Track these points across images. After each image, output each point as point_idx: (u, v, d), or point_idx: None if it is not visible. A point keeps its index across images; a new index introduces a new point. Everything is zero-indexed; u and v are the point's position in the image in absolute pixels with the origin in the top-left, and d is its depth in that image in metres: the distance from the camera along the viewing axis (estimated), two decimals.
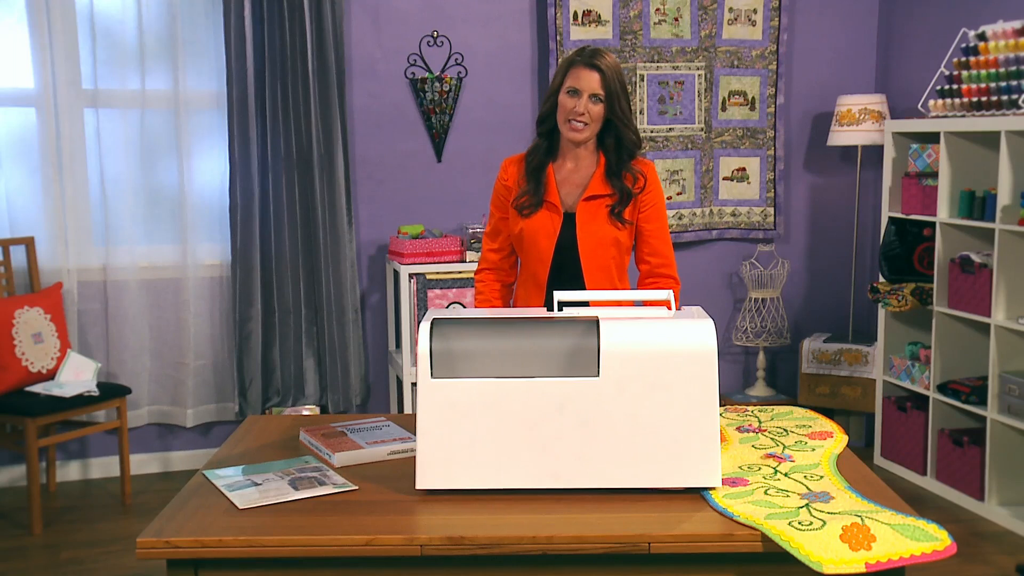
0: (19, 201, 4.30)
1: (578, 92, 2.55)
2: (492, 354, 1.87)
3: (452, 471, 1.87)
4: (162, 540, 1.69)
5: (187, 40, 4.35)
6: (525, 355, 1.87)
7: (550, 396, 1.85)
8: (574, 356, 1.86)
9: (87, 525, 3.93)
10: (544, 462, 1.86)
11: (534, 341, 1.89)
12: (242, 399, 4.48)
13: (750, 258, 4.98)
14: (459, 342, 1.88)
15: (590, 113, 2.55)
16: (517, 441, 1.86)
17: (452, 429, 1.86)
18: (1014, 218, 3.78)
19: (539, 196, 2.62)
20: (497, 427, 1.86)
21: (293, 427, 2.37)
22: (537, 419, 1.85)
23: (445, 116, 4.61)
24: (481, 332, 1.91)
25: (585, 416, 1.85)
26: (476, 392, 1.86)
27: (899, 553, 1.62)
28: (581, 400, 1.85)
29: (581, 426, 1.85)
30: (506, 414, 1.86)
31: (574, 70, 2.56)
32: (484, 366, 1.87)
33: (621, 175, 2.61)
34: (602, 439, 1.85)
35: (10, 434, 3.98)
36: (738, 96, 4.89)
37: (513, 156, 2.74)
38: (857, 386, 4.70)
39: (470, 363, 1.87)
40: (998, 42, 3.93)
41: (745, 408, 2.45)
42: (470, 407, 1.86)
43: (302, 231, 4.45)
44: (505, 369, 1.86)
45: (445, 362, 1.87)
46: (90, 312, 4.40)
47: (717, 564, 1.74)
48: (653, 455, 1.85)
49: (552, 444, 1.85)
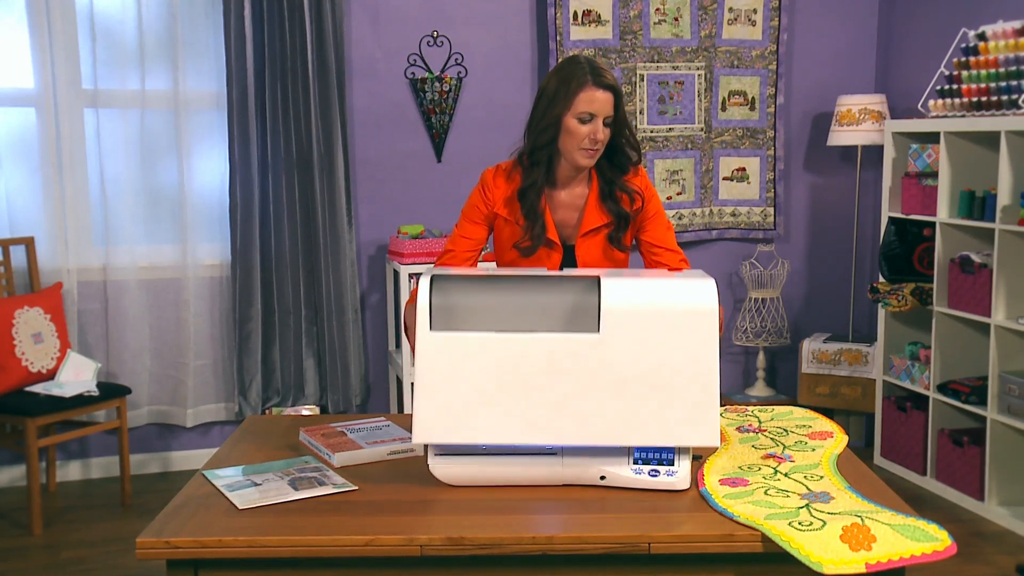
0: (19, 201, 4.30)
1: (593, 117, 2.30)
2: (492, 309, 1.84)
3: (449, 425, 1.83)
4: (162, 540, 1.69)
5: (187, 40, 4.35)
6: (525, 310, 1.84)
7: (550, 351, 1.82)
8: (575, 312, 1.83)
9: (87, 525, 3.92)
10: (542, 418, 1.83)
11: (535, 297, 1.86)
12: (242, 399, 4.48)
13: (750, 258, 4.98)
14: (459, 297, 1.85)
15: (604, 138, 2.33)
16: (515, 396, 1.83)
17: (450, 383, 1.83)
18: (1014, 218, 3.78)
19: (542, 237, 2.41)
20: (495, 382, 1.83)
21: (293, 427, 2.37)
22: (536, 374, 1.82)
23: (445, 116, 4.61)
24: (481, 288, 1.88)
25: (584, 372, 1.82)
26: (475, 346, 1.83)
27: (899, 553, 1.62)
28: (581, 356, 1.82)
29: (580, 382, 1.82)
30: (505, 369, 1.83)
31: (586, 93, 2.29)
32: (484, 320, 1.84)
33: (616, 197, 2.42)
34: (601, 396, 1.82)
35: (10, 434, 3.98)
36: (738, 96, 4.89)
37: (498, 170, 2.48)
38: (857, 386, 4.70)
39: (470, 317, 1.84)
40: (998, 42, 3.93)
41: (745, 408, 2.45)
42: (469, 361, 1.83)
43: (302, 231, 4.46)
44: (505, 323, 1.83)
45: (444, 316, 1.84)
46: (90, 312, 4.40)
47: (717, 564, 1.74)
48: (652, 413, 1.82)
49: (551, 400, 1.82)
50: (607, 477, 1.91)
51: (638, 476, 1.89)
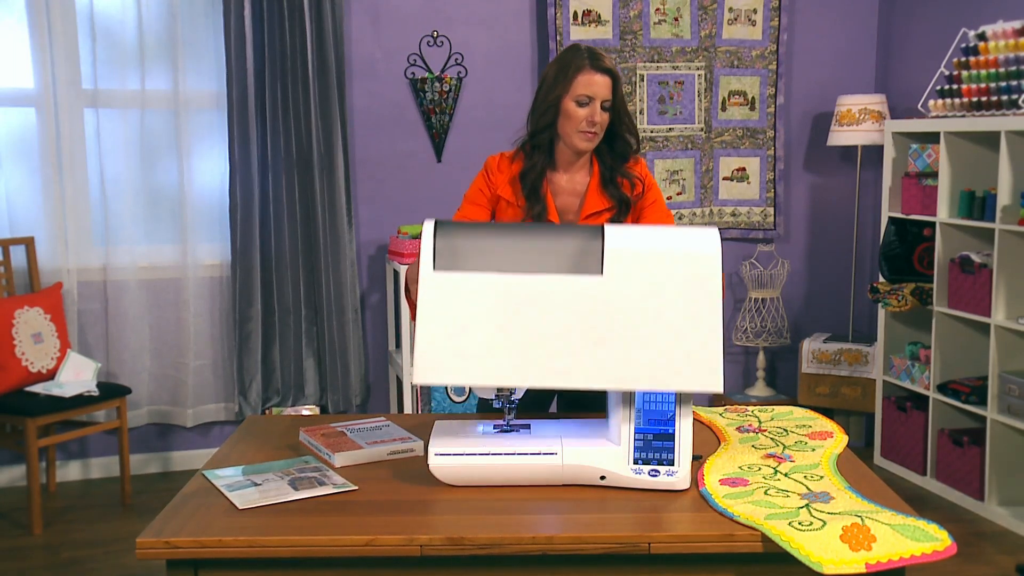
0: (19, 201, 4.30)
1: (591, 100, 2.35)
2: (496, 251, 1.83)
3: (449, 366, 1.81)
4: (162, 540, 1.69)
5: (187, 40, 4.35)
6: (529, 253, 1.83)
7: (553, 292, 1.80)
8: (579, 255, 1.82)
9: (87, 525, 3.92)
10: (544, 360, 1.81)
11: (539, 241, 1.85)
12: (242, 399, 4.48)
13: (750, 258, 4.98)
14: (463, 240, 1.84)
15: (601, 123, 2.38)
16: (517, 338, 1.80)
17: (452, 324, 1.81)
18: (1014, 218, 3.78)
19: (542, 217, 2.43)
20: (498, 323, 1.81)
21: (293, 427, 2.37)
22: (539, 316, 1.81)
23: (445, 116, 4.61)
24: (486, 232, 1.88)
25: (587, 314, 1.80)
26: (478, 286, 1.81)
27: (899, 553, 1.62)
28: (584, 298, 1.81)
29: (583, 324, 1.80)
30: (507, 310, 1.81)
31: (584, 76, 2.35)
32: (487, 261, 1.82)
33: (617, 182, 2.46)
34: (604, 338, 1.80)
35: (10, 434, 3.98)
36: (738, 96, 4.89)
37: (502, 157, 2.53)
38: (857, 386, 4.70)
39: (473, 258, 1.82)
40: (998, 42, 3.93)
41: (745, 408, 2.45)
42: (471, 301, 1.81)
43: (302, 231, 4.46)
44: (508, 264, 1.82)
45: (448, 256, 1.82)
46: (90, 312, 4.40)
47: (717, 564, 1.74)
48: (654, 357, 1.80)
49: (553, 342, 1.80)
50: (607, 477, 1.91)
51: (638, 476, 1.89)
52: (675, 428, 1.89)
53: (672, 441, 1.89)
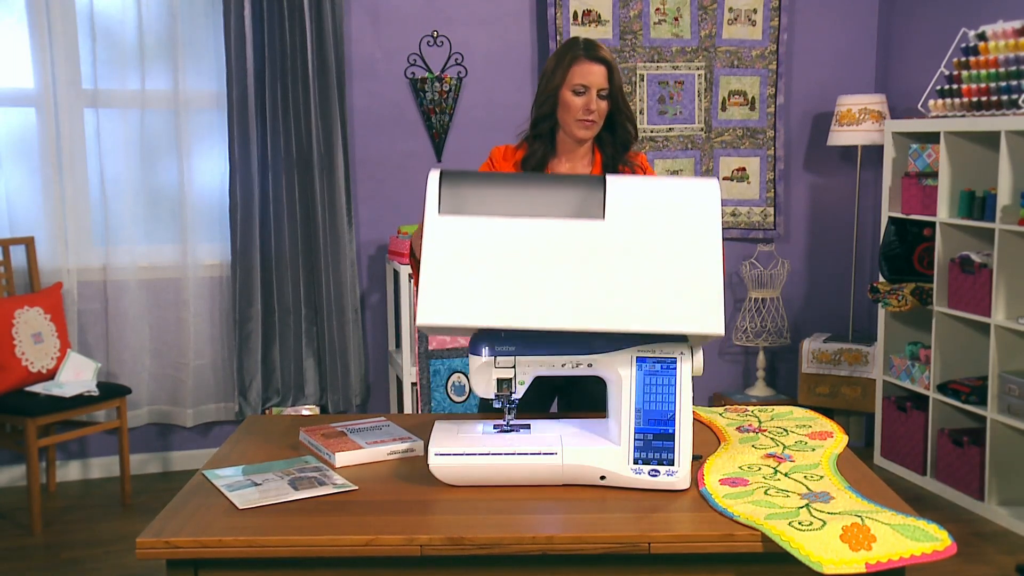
0: (19, 201, 4.30)
1: (586, 89, 2.41)
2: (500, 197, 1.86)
3: (453, 307, 1.81)
4: (162, 540, 1.69)
5: (187, 40, 4.35)
6: (533, 199, 1.86)
7: (555, 236, 1.82)
8: (581, 201, 1.85)
9: (87, 525, 3.92)
10: (546, 302, 1.81)
11: (542, 189, 1.89)
12: (242, 399, 4.48)
13: (750, 258, 4.98)
14: (468, 188, 1.87)
15: (599, 110, 2.44)
16: (520, 280, 1.82)
17: (456, 267, 1.82)
18: (1014, 218, 3.78)
19: None
20: (501, 266, 1.82)
21: (293, 427, 2.37)
22: (541, 259, 1.82)
23: (445, 116, 4.61)
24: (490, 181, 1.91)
25: (589, 258, 1.82)
26: (482, 230, 1.83)
27: (899, 553, 1.62)
28: (586, 241, 1.82)
29: (585, 268, 1.81)
30: (510, 253, 1.82)
31: (579, 66, 2.41)
32: (491, 207, 1.85)
33: (619, 171, 2.51)
34: (605, 281, 1.81)
35: (10, 434, 3.98)
36: (738, 96, 4.89)
37: (506, 148, 2.60)
38: (857, 386, 4.70)
39: (478, 204, 1.85)
40: (998, 42, 3.93)
41: (745, 408, 2.45)
42: (475, 245, 1.82)
43: (302, 231, 4.46)
44: (512, 210, 1.84)
45: (453, 201, 1.85)
46: (90, 312, 4.40)
47: (717, 564, 1.74)
48: (655, 298, 1.81)
49: (555, 284, 1.82)
50: (607, 477, 1.91)
51: (638, 476, 1.89)
52: (675, 428, 1.89)
53: (672, 441, 1.89)
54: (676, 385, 1.89)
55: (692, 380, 1.90)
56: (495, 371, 1.94)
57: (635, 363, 1.90)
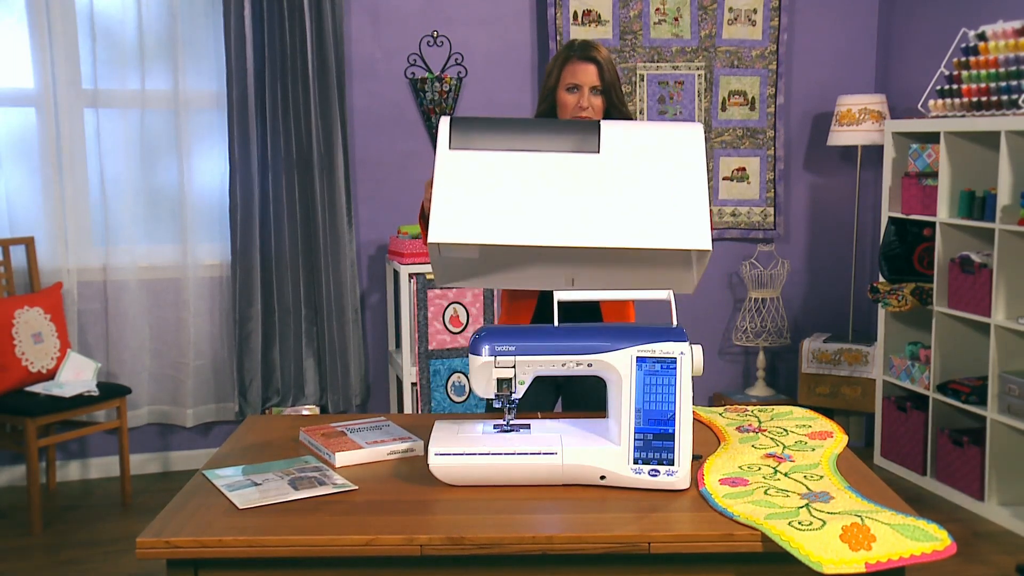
0: (19, 201, 4.30)
1: (578, 87, 2.54)
2: (505, 136, 2.04)
3: (463, 226, 1.95)
4: (162, 540, 1.69)
5: (187, 40, 4.35)
6: (535, 137, 2.04)
7: (555, 166, 1.99)
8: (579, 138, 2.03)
9: (87, 525, 3.93)
10: (547, 221, 1.95)
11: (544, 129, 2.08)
12: (242, 399, 4.48)
13: (750, 258, 4.98)
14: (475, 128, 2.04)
15: (593, 106, 2.56)
16: (524, 204, 1.96)
17: (465, 193, 1.97)
18: (1014, 218, 3.78)
19: None
20: (506, 191, 1.97)
21: (293, 427, 2.37)
22: (543, 185, 1.98)
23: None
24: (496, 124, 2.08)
25: (587, 184, 1.98)
26: (489, 161, 2.00)
27: (899, 553, 1.62)
28: (583, 171, 1.99)
29: (583, 193, 1.97)
30: (514, 179, 1.98)
31: (570, 66, 2.55)
32: (497, 143, 2.02)
33: None
34: (601, 204, 1.96)
35: (10, 434, 3.98)
36: (738, 96, 4.89)
37: None
38: (857, 386, 4.70)
39: (485, 140, 2.03)
40: (998, 42, 3.93)
41: (745, 408, 2.45)
42: (483, 173, 1.98)
43: (302, 231, 4.46)
44: (516, 145, 2.02)
45: (462, 138, 2.02)
46: (90, 312, 4.40)
47: (717, 564, 1.74)
48: (647, 219, 1.94)
49: (555, 207, 1.96)
50: (607, 477, 1.91)
51: (638, 476, 1.89)
52: (675, 428, 1.89)
53: (672, 441, 1.89)
54: (676, 385, 1.90)
55: (692, 380, 1.91)
56: (495, 371, 1.94)
57: (635, 363, 1.90)
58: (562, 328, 1.95)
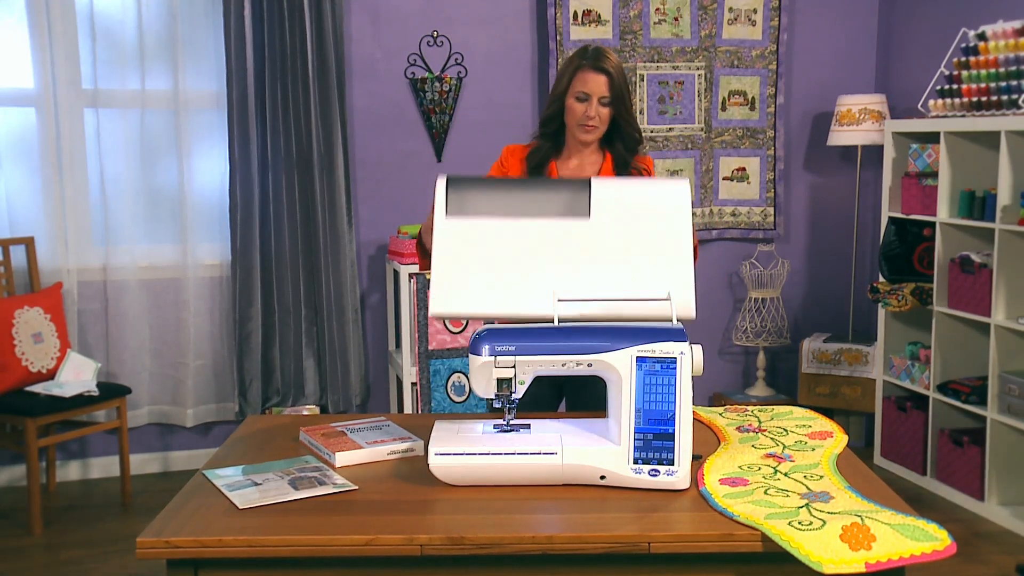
0: (19, 201, 4.30)
1: (588, 97, 2.57)
2: (499, 200, 2.09)
3: (462, 299, 2.02)
4: (162, 540, 1.69)
5: (187, 40, 4.35)
6: (527, 201, 2.09)
7: (548, 234, 2.04)
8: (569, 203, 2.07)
9: (87, 525, 3.93)
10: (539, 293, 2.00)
11: (535, 193, 2.12)
12: (242, 399, 4.48)
13: (750, 258, 4.98)
14: (471, 192, 2.09)
15: (600, 116, 2.59)
16: (517, 273, 2.02)
17: (463, 262, 2.03)
18: (1014, 218, 3.78)
19: None
20: (502, 260, 2.03)
21: (293, 427, 2.37)
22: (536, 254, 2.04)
23: (445, 116, 4.62)
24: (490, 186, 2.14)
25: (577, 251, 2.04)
26: (484, 229, 2.05)
27: (899, 553, 1.62)
28: (574, 240, 2.04)
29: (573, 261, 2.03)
30: (509, 249, 2.03)
31: (581, 74, 2.57)
32: (492, 208, 2.07)
33: (628, 171, 2.67)
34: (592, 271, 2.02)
35: (10, 434, 3.98)
36: (738, 96, 4.89)
37: (515, 146, 2.75)
38: (857, 386, 4.70)
39: (480, 206, 2.07)
40: (998, 42, 3.93)
41: (745, 408, 2.45)
42: (479, 243, 2.03)
43: (302, 231, 4.46)
44: (510, 211, 2.07)
45: (458, 205, 2.06)
46: (90, 312, 4.40)
47: (717, 564, 1.74)
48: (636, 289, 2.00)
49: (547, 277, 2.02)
50: (607, 477, 1.91)
51: (638, 476, 1.89)
52: (675, 428, 1.89)
53: (672, 441, 1.89)
54: (676, 385, 1.90)
55: (692, 380, 1.91)
56: (495, 371, 1.94)
57: (635, 363, 1.90)
58: (562, 328, 1.95)
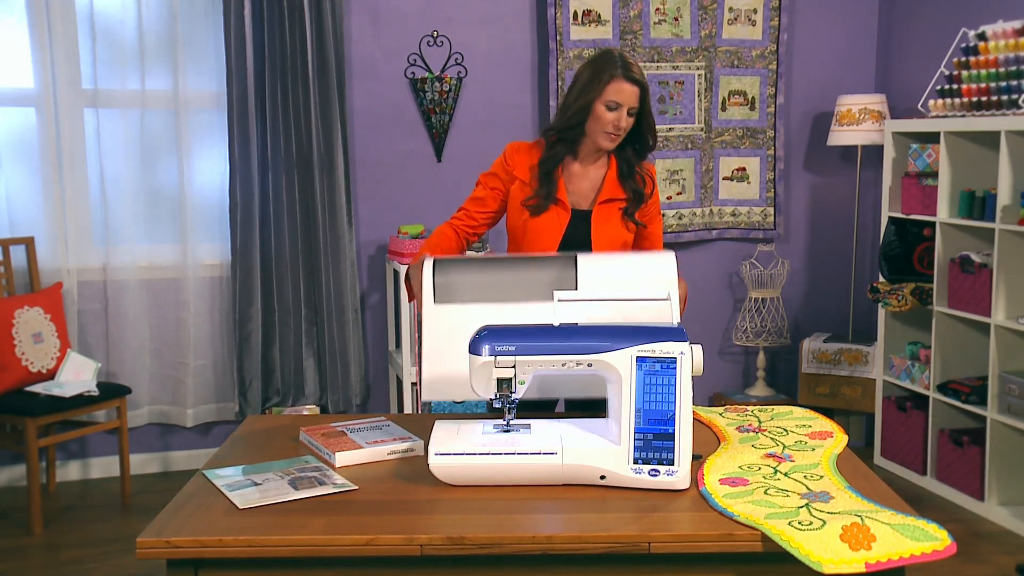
0: (19, 201, 4.30)
1: (619, 106, 2.54)
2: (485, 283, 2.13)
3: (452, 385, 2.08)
4: (162, 540, 1.69)
5: (187, 40, 4.35)
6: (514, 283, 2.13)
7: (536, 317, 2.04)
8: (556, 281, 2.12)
9: (87, 525, 3.93)
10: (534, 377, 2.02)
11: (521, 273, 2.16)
12: (242, 399, 4.48)
13: (750, 258, 4.98)
14: (457, 276, 2.12)
15: (626, 126, 2.59)
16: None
17: (453, 349, 2.05)
18: (1014, 218, 3.78)
19: (552, 198, 2.63)
20: None
21: (293, 427, 2.37)
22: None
23: (445, 116, 4.61)
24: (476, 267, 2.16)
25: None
26: (472, 315, 2.07)
27: (899, 553, 1.62)
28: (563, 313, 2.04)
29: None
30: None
31: (616, 84, 2.53)
32: (479, 294, 2.11)
33: (632, 177, 2.66)
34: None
35: (10, 434, 3.98)
36: (738, 96, 4.89)
37: (520, 143, 2.72)
38: (857, 386, 4.70)
39: (467, 292, 2.11)
40: (998, 42, 3.93)
41: (745, 408, 2.45)
42: (468, 329, 2.01)
43: (302, 231, 4.46)
44: (496, 295, 2.10)
45: (445, 291, 2.10)
46: (90, 312, 4.40)
47: (717, 564, 1.74)
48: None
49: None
50: (607, 477, 1.91)
51: (638, 476, 1.89)
52: (675, 428, 1.89)
53: (672, 441, 1.89)
54: (676, 385, 1.90)
55: (692, 380, 1.91)
56: (495, 371, 1.95)
57: (635, 363, 1.90)
58: (562, 328, 1.96)
